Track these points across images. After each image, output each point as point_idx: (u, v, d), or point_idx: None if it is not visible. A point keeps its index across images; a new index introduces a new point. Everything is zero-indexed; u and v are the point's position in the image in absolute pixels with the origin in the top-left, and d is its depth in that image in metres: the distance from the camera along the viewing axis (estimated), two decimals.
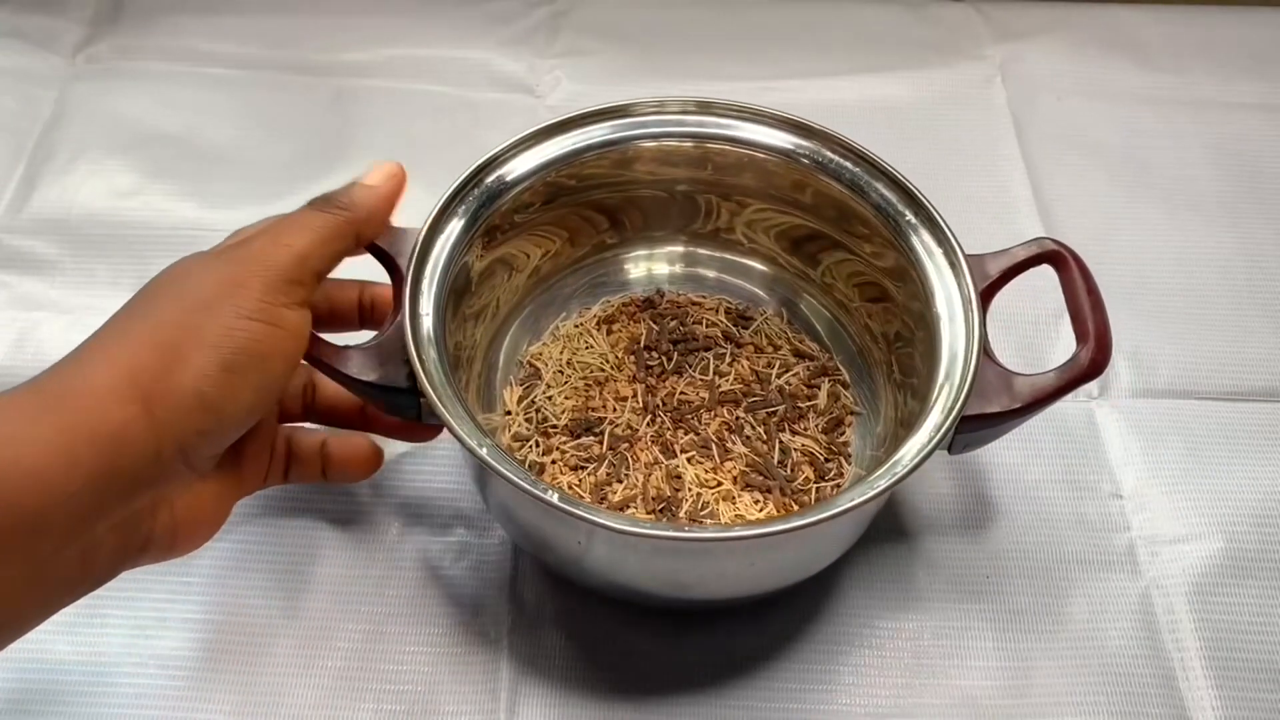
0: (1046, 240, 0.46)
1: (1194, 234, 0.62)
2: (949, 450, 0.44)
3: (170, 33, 0.70)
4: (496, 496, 0.45)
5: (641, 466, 0.48)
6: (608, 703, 0.46)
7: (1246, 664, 0.48)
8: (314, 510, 0.51)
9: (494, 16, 0.71)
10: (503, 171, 0.47)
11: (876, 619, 0.49)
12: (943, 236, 0.46)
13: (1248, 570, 0.50)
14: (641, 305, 0.54)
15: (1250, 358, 0.57)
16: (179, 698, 0.46)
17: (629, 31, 0.71)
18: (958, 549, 0.51)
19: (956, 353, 0.43)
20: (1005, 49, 0.71)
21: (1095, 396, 0.56)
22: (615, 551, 0.43)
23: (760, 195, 0.52)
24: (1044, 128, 0.67)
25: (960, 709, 0.46)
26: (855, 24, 0.72)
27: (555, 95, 0.68)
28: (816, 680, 0.47)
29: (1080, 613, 0.49)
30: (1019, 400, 0.43)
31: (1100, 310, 0.44)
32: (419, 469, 0.52)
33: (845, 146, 0.48)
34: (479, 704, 0.46)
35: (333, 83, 0.68)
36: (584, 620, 0.48)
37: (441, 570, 0.49)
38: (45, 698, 0.46)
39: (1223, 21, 0.73)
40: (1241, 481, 0.53)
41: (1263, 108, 0.68)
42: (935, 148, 0.65)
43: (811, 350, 0.53)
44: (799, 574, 0.46)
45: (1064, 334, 0.54)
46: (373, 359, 0.42)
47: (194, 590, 0.48)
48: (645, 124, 0.49)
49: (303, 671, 0.47)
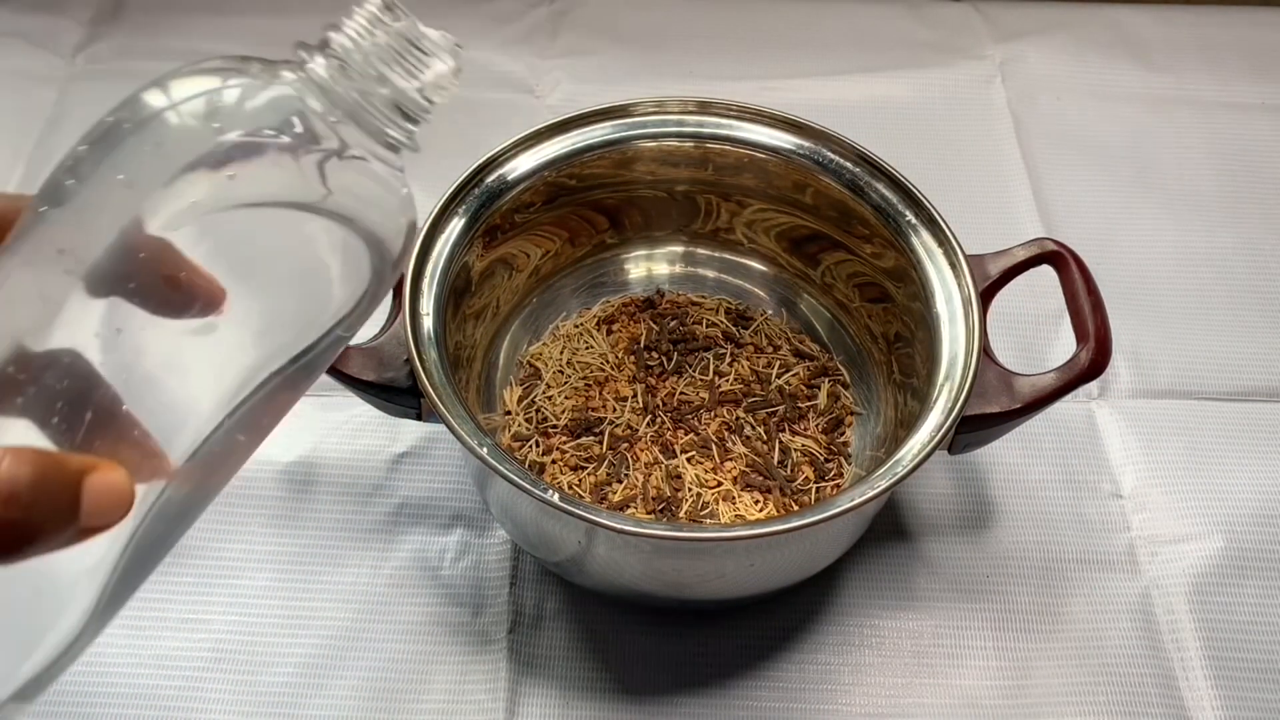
0: (1046, 240, 0.46)
1: (1194, 234, 0.62)
2: (949, 450, 0.44)
3: (170, 33, 0.70)
4: (496, 496, 0.45)
5: (641, 466, 0.49)
6: (608, 703, 0.46)
7: (1246, 664, 0.48)
8: (314, 511, 0.51)
9: (494, 16, 0.71)
10: (503, 171, 0.47)
11: (876, 619, 0.49)
12: (943, 236, 0.46)
13: (1248, 570, 0.50)
14: (641, 305, 0.54)
15: (1250, 358, 0.57)
16: (179, 698, 0.46)
17: (629, 31, 0.71)
18: (958, 549, 0.51)
19: (957, 353, 0.43)
20: (1005, 49, 0.71)
21: (1095, 397, 0.56)
22: (615, 551, 0.43)
23: (760, 195, 0.52)
24: (1044, 128, 0.67)
25: (960, 709, 0.46)
26: (855, 24, 0.72)
27: (555, 95, 0.68)
28: (816, 680, 0.47)
29: (1080, 613, 0.49)
30: (1019, 400, 0.43)
31: (1100, 310, 0.44)
32: (419, 469, 0.52)
33: (845, 146, 0.48)
34: (479, 704, 0.46)
35: None
36: (584, 620, 0.48)
37: (441, 570, 0.49)
38: (45, 697, 0.45)
39: (1223, 21, 0.73)
40: (1241, 481, 0.53)
41: (1263, 108, 0.68)
42: (935, 148, 0.65)
43: (812, 350, 0.53)
44: (799, 574, 0.46)
45: (1064, 334, 0.54)
46: (372, 359, 0.42)
47: (194, 590, 0.48)
48: (645, 124, 0.49)
49: (302, 671, 0.47)
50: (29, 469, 0.22)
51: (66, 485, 0.23)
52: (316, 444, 0.52)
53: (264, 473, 0.51)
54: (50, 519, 0.23)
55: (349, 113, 0.29)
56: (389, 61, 0.29)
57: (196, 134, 0.27)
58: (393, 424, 0.52)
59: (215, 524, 0.50)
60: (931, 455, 0.40)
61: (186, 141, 0.27)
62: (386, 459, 0.52)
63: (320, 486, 0.51)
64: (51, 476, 0.23)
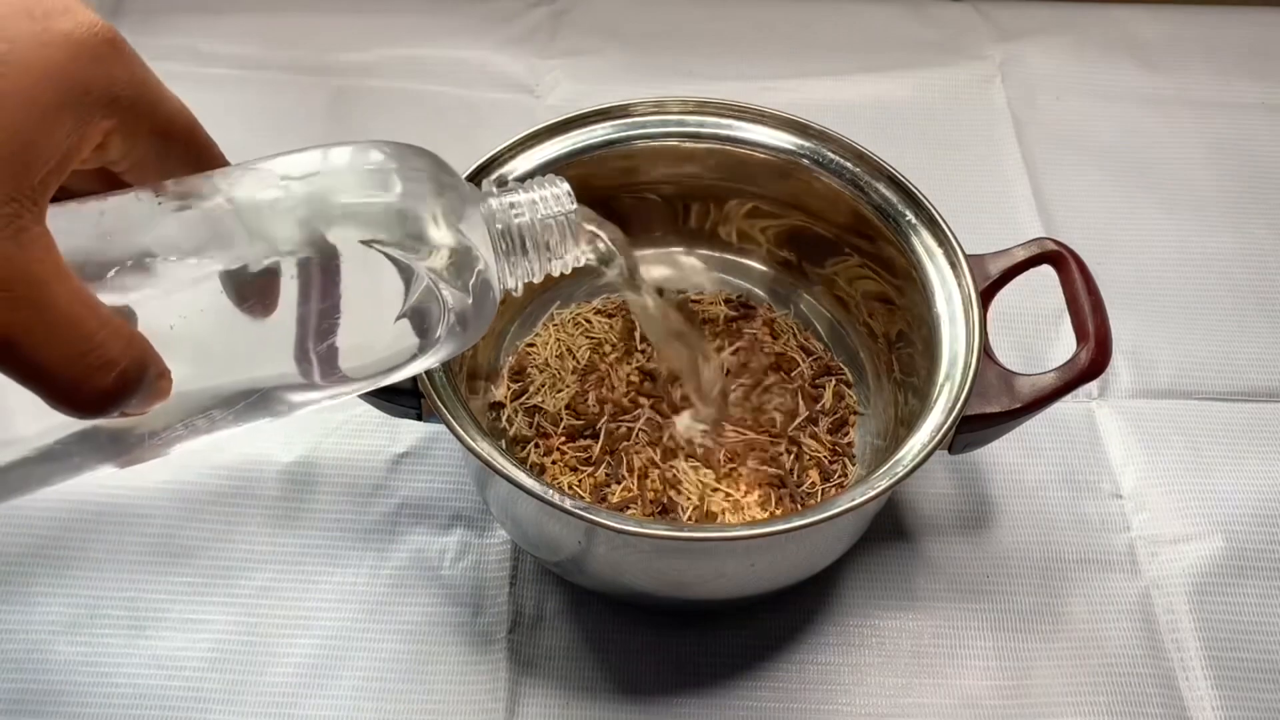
0: (1046, 240, 0.46)
1: (1194, 234, 0.62)
2: (949, 450, 0.44)
3: (170, 33, 0.70)
4: (497, 496, 0.45)
5: (644, 460, 0.48)
6: (608, 703, 0.46)
7: (1246, 664, 0.48)
8: (313, 511, 0.51)
9: (494, 16, 0.71)
10: (503, 171, 0.47)
11: (876, 619, 0.49)
12: (943, 236, 0.46)
13: (1248, 570, 0.50)
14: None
15: (1251, 358, 0.57)
16: (179, 698, 0.46)
17: (629, 31, 0.71)
18: (958, 549, 0.51)
19: (957, 353, 0.43)
20: (1005, 49, 0.71)
21: (1095, 397, 0.56)
22: (615, 551, 0.43)
23: (760, 195, 0.52)
24: (1044, 128, 0.67)
25: (960, 709, 0.46)
26: (855, 24, 0.72)
27: (555, 95, 0.68)
28: (816, 680, 0.47)
29: (1080, 613, 0.49)
30: (1019, 400, 0.43)
31: (1100, 310, 0.44)
32: (419, 469, 0.52)
33: (845, 146, 0.48)
34: (479, 704, 0.46)
35: (333, 83, 0.68)
36: (584, 620, 0.48)
37: (441, 570, 0.49)
38: (45, 698, 0.46)
39: (1223, 21, 0.73)
40: (1241, 481, 0.53)
41: (1263, 108, 0.68)
42: (936, 148, 0.65)
43: (815, 349, 0.53)
44: (799, 574, 0.46)
45: (1064, 334, 0.54)
46: None
47: (194, 590, 0.48)
48: (645, 124, 0.49)
49: (302, 671, 0.47)
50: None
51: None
52: (316, 444, 0.52)
53: (264, 473, 0.51)
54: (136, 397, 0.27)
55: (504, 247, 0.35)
56: (547, 233, 0.35)
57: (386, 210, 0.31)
58: (393, 424, 0.52)
59: (215, 524, 0.50)
60: (931, 455, 0.40)
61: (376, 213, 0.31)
62: (386, 459, 0.52)
63: (320, 486, 0.51)
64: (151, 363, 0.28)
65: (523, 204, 0.35)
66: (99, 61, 0.26)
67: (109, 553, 0.49)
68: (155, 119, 0.28)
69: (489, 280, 0.33)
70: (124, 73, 0.27)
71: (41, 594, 0.48)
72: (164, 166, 0.29)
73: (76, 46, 0.26)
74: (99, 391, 0.26)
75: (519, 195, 0.35)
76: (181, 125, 0.30)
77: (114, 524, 0.50)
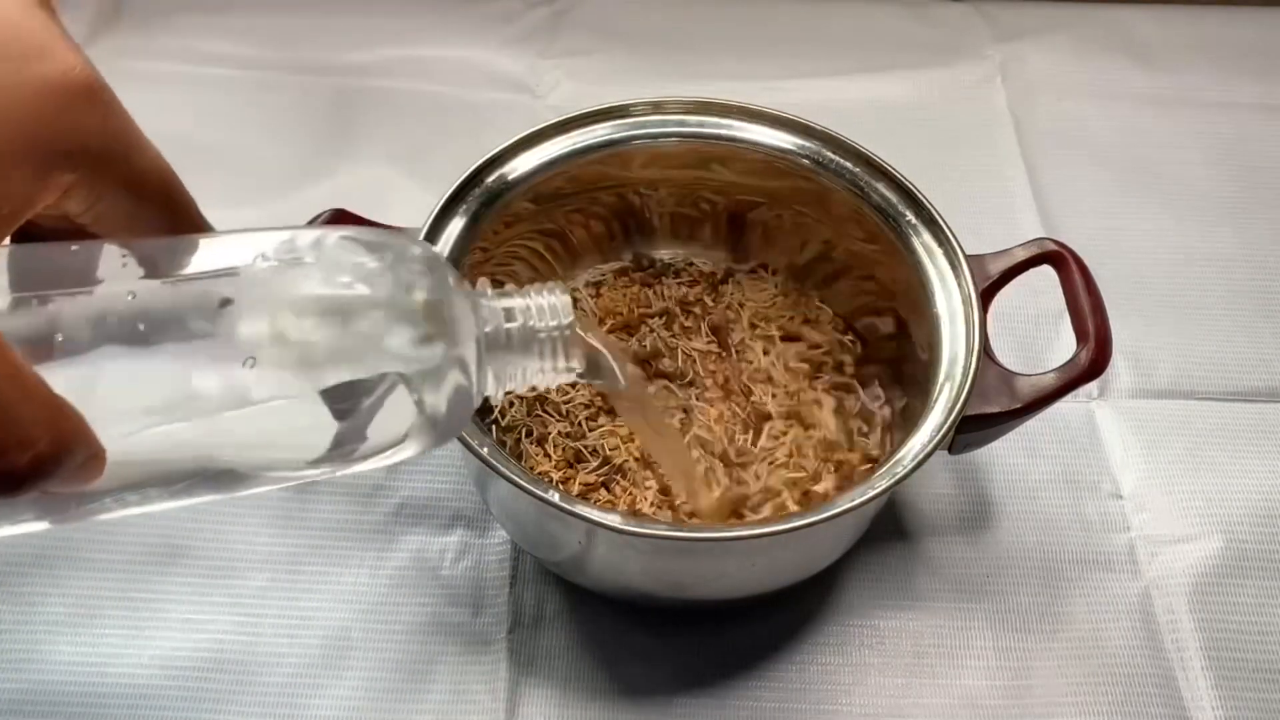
0: (1046, 240, 0.46)
1: (1194, 234, 0.62)
2: (949, 450, 0.44)
3: (170, 33, 0.70)
4: (497, 496, 0.45)
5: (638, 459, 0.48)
6: (608, 703, 0.46)
7: (1246, 664, 0.48)
8: (313, 511, 0.51)
9: (494, 16, 0.71)
10: (503, 171, 0.47)
11: (877, 619, 0.49)
12: (943, 236, 0.46)
13: (1248, 570, 0.50)
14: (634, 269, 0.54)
15: (1250, 358, 0.57)
16: (178, 698, 0.46)
17: (629, 31, 0.71)
18: (958, 549, 0.51)
19: (957, 353, 0.43)
20: (1005, 49, 0.71)
21: (1095, 397, 0.56)
22: (615, 551, 0.43)
23: (760, 195, 0.52)
24: (1044, 128, 0.67)
25: (960, 709, 0.46)
26: (855, 24, 0.72)
27: (555, 95, 0.68)
28: (816, 680, 0.47)
29: (1080, 613, 0.49)
30: (1019, 400, 0.43)
31: (1100, 310, 0.44)
32: (419, 469, 0.52)
33: (845, 146, 0.48)
34: (479, 704, 0.46)
35: (333, 83, 0.68)
36: (584, 620, 0.48)
37: (441, 570, 0.49)
38: (45, 698, 0.46)
39: (1223, 21, 0.73)
40: (1241, 481, 0.53)
41: (1263, 108, 0.68)
42: (935, 148, 0.65)
43: (817, 339, 0.53)
44: (799, 574, 0.46)
45: (1064, 334, 0.54)
46: None
47: (194, 590, 0.48)
48: (645, 124, 0.49)
49: (302, 671, 0.47)
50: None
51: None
52: None
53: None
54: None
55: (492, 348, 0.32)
56: (540, 342, 0.33)
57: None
58: None
59: (215, 524, 0.50)
60: (931, 455, 0.40)
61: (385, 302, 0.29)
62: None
63: (320, 486, 0.51)
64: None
65: (517, 310, 0.33)
66: (67, 111, 0.25)
67: (109, 553, 0.49)
68: (126, 173, 0.27)
69: (467, 391, 0.31)
70: (95, 123, 0.26)
71: (41, 594, 0.48)
72: (133, 225, 0.27)
73: (47, 93, 0.25)
74: (7, 471, 0.23)
75: (515, 300, 0.33)
76: (156, 182, 0.28)
77: (114, 524, 0.49)
